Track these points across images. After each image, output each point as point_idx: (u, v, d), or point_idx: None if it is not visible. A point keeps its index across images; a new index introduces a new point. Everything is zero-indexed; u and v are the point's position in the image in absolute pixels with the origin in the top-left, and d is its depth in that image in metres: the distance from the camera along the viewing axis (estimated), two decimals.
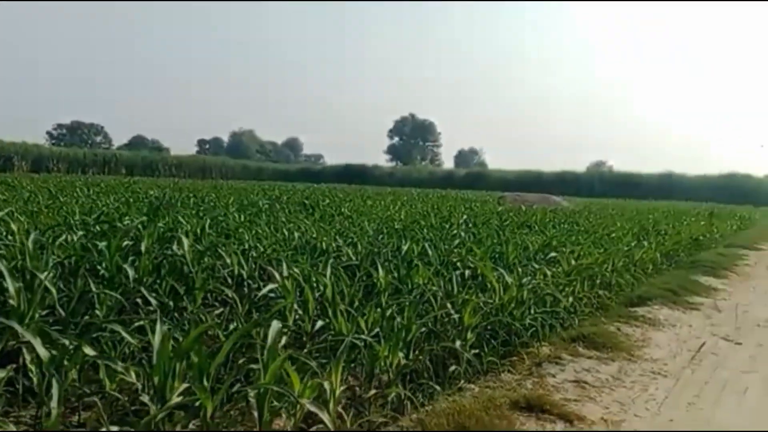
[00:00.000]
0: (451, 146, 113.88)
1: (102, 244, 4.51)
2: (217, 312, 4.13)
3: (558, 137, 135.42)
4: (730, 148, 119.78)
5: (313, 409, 2.35)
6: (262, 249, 5.71)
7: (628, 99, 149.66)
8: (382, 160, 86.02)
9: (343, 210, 12.24)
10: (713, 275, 9.43)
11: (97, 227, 5.97)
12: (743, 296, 8.20)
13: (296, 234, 6.92)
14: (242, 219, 8.96)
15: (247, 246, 5.73)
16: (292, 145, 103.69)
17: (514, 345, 4.53)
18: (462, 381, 3.82)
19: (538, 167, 55.94)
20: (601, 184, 48.73)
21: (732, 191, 40.95)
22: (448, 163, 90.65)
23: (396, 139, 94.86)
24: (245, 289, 4.64)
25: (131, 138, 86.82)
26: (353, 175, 56.00)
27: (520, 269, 5.53)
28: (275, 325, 2.60)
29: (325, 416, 2.32)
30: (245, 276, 4.90)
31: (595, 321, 5.57)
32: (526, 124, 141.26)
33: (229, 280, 4.74)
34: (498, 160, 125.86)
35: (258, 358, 2.83)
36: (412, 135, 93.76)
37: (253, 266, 5.16)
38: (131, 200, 11.76)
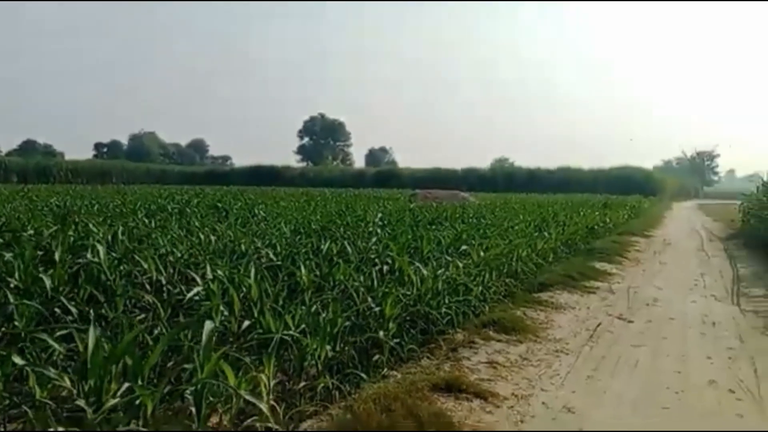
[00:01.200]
0: (361, 145, 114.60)
1: (8, 255, 4.36)
2: (138, 318, 4.11)
3: (464, 135, 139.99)
4: (620, 143, 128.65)
5: (251, 399, 2.47)
6: (179, 254, 5.67)
7: (527, 99, 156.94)
8: (293, 161, 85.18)
9: (257, 212, 12.17)
10: (607, 261, 10.25)
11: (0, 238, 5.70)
12: (634, 279, 9.00)
13: (212, 238, 6.90)
14: (153, 224, 8.77)
15: (163, 251, 5.68)
16: (198, 146, 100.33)
17: (431, 333, 4.81)
18: (385, 369, 4.05)
19: (447, 165, 57.60)
20: (504, 180, 50.79)
21: (624, 183, 43.90)
22: (359, 162, 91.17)
23: (306, 139, 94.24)
24: (164, 295, 4.63)
25: (21, 143, 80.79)
26: (263, 176, 55.14)
27: (434, 262, 5.84)
28: (209, 324, 2.69)
29: (263, 405, 2.45)
30: (164, 281, 4.88)
31: (504, 307, 5.97)
32: (434, 122, 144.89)
33: (148, 287, 4.71)
34: (408, 158, 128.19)
35: (188, 360, 2.92)
36: (323, 135, 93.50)
37: (172, 271, 5.15)
38: (31, 208, 11.13)
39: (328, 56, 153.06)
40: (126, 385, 2.33)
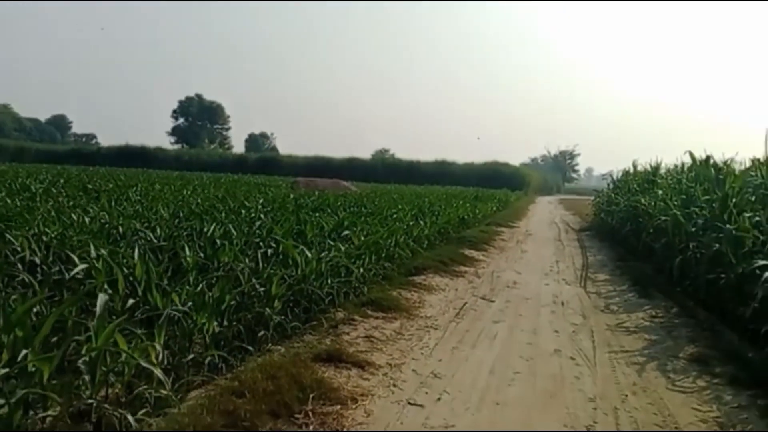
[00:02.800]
0: (240, 130, 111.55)
1: None
2: (13, 297, 4.01)
3: (347, 125, 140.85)
4: (491, 139, 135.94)
5: (145, 364, 2.61)
6: (52, 234, 5.49)
7: (409, 92, 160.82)
8: (166, 143, 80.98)
9: (130, 194, 11.74)
10: (475, 249, 11.09)
11: None
12: (498, 265, 9.84)
13: (87, 219, 6.69)
14: (16, 204, 8.25)
15: (35, 231, 5.46)
16: (59, 123, 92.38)
17: (314, 311, 5.11)
18: (270, 344, 4.28)
19: (329, 154, 57.75)
20: (384, 170, 51.93)
21: (493, 177, 46.66)
22: (238, 147, 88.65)
23: (181, 120, 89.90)
24: (38, 275, 4.50)
25: None
26: (134, 157, 52.14)
27: (318, 246, 6.11)
28: (102, 296, 2.78)
29: (157, 371, 2.61)
30: (38, 261, 4.74)
31: (382, 288, 6.40)
32: (317, 111, 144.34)
33: (20, 266, 4.56)
34: (290, 146, 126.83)
35: (78, 334, 2.98)
36: (199, 117, 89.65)
37: (45, 252, 4.99)
38: None
39: (206, 36, 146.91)
40: (25, 352, 2.37)
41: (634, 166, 15.44)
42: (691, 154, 9.48)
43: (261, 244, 6.02)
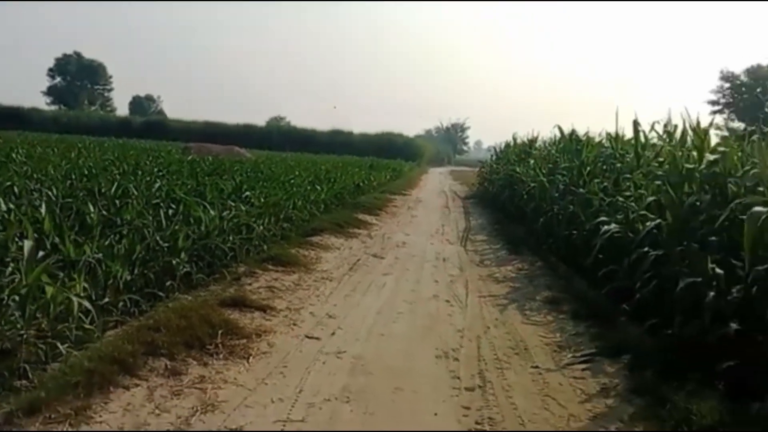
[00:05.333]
0: (124, 92, 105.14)
1: None
2: None
3: (241, 90, 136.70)
4: (387, 111, 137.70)
5: (74, 298, 2.95)
6: None
7: (306, 57, 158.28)
8: (42, 103, 74.82)
9: (14, 156, 11.23)
10: (369, 213, 11.78)
11: None
12: (390, 228, 10.58)
13: None
14: None
15: None
16: None
17: (217, 265, 5.50)
18: (177, 293, 4.65)
19: (221, 119, 56.09)
20: (280, 138, 51.41)
21: (388, 148, 47.70)
22: (121, 110, 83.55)
23: (59, 79, 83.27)
24: None
25: None
26: (5, 118, 47.86)
27: (219, 207, 6.45)
28: (28, 242, 3.05)
29: (85, 302, 2.95)
30: None
31: (281, 247, 6.86)
32: (208, 73, 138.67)
33: None
34: (178, 110, 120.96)
35: None
36: (78, 76, 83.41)
37: None
38: None
39: None
40: None
41: (514, 139, 16.71)
42: (560, 128, 10.61)
43: (161, 204, 6.25)
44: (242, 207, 6.60)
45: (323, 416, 2.98)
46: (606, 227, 5.53)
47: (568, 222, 7.30)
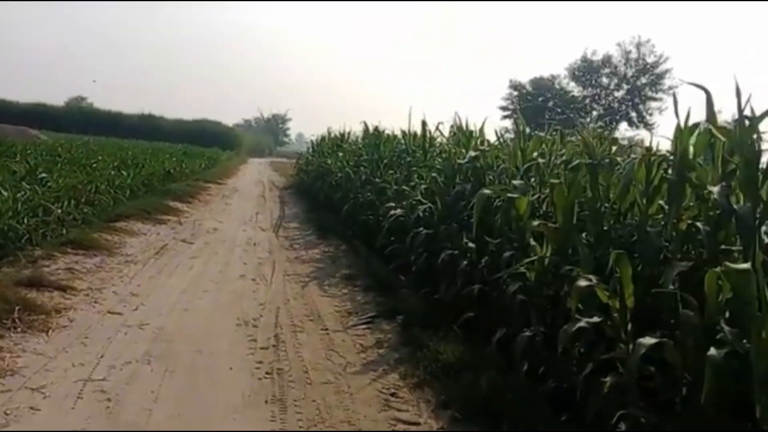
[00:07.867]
0: None
1: None
2: None
3: (33, 64, 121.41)
4: (204, 98, 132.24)
5: None
6: None
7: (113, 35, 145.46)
8: None
9: None
10: (180, 200, 11.66)
11: None
12: (202, 215, 10.63)
13: None
14: None
15: None
16: None
17: (10, 248, 5.31)
18: None
19: (8, 97, 49.62)
20: (82, 121, 47.00)
21: (204, 136, 46.05)
22: None
23: None
24: None
25: None
26: None
27: (11, 189, 6.15)
28: None
29: None
30: None
31: (82, 231, 6.70)
32: None
33: None
34: None
35: None
36: None
37: None
38: None
39: None
40: None
41: (329, 133, 17.45)
42: (366, 124, 11.48)
43: None
44: (38, 189, 6.34)
45: (124, 375, 3.25)
46: (393, 212, 6.35)
47: (367, 208, 8.11)
